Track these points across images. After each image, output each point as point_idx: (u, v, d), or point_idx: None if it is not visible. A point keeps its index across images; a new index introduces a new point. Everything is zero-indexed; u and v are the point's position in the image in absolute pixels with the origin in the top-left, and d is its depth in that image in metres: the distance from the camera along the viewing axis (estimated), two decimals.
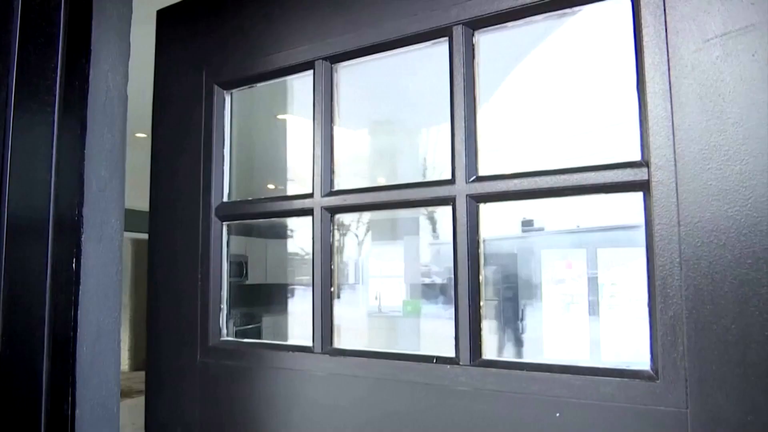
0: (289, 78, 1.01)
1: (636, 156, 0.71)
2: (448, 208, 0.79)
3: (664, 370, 0.56)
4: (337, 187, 0.95)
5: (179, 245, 1.00)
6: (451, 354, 0.73)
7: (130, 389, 8.11)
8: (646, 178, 0.67)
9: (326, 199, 0.88)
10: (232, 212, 0.96)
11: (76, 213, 0.74)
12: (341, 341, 0.99)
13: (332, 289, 0.82)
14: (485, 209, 0.79)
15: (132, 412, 7.83)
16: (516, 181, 0.74)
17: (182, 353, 0.92)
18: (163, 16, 1.10)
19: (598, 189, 0.71)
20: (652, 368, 0.59)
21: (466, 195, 0.76)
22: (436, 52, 0.89)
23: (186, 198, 0.99)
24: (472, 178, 0.77)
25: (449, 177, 0.80)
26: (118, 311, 0.79)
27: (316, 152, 0.92)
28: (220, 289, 0.97)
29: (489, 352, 0.76)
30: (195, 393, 0.91)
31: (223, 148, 1.01)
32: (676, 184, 0.63)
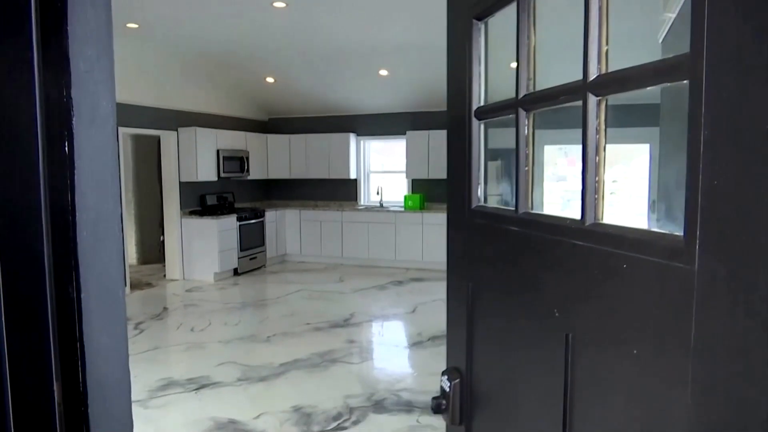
0: None
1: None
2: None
3: (686, 235, 0.66)
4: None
5: (457, 137, 1.37)
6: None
7: (139, 281, 8.42)
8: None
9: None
10: (488, 112, 1.29)
11: (64, 95, 0.71)
12: None
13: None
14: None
15: (142, 302, 8.14)
16: (618, 74, 0.87)
17: (459, 210, 1.35)
18: None
19: (664, 79, 0.81)
20: (683, 234, 0.67)
21: (590, 92, 0.90)
22: None
23: (459, 103, 1.34)
24: (595, 76, 0.90)
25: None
26: (118, 196, 0.78)
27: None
28: (478, 169, 1.31)
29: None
30: (464, 237, 1.37)
31: (479, 65, 1.30)
32: (705, 71, 0.65)
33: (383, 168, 10.48)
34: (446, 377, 1.33)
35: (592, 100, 0.91)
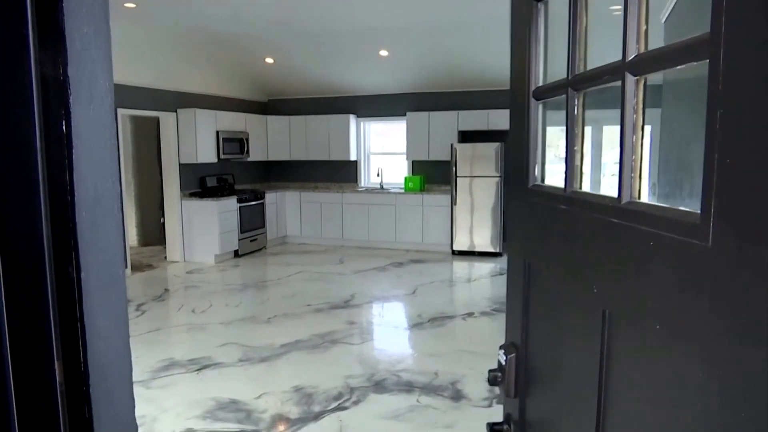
0: None
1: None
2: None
3: (702, 212, 0.67)
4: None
5: (516, 117, 1.40)
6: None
7: (140, 263, 8.44)
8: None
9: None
10: (545, 93, 1.32)
11: (60, 72, 0.70)
12: None
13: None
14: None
15: (143, 284, 8.15)
16: (654, 53, 0.89)
17: (518, 189, 1.39)
18: None
19: (691, 58, 0.81)
20: (700, 211, 0.69)
21: (629, 71, 0.91)
22: None
23: (519, 84, 1.38)
24: (633, 56, 0.91)
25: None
26: (117, 175, 0.77)
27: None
28: (536, 149, 1.33)
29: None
30: (521, 215, 1.43)
31: (538, 46, 1.31)
32: (722, 49, 0.65)
33: (383, 149, 10.44)
34: (503, 351, 1.37)
35: (630, 80, 0.93)
